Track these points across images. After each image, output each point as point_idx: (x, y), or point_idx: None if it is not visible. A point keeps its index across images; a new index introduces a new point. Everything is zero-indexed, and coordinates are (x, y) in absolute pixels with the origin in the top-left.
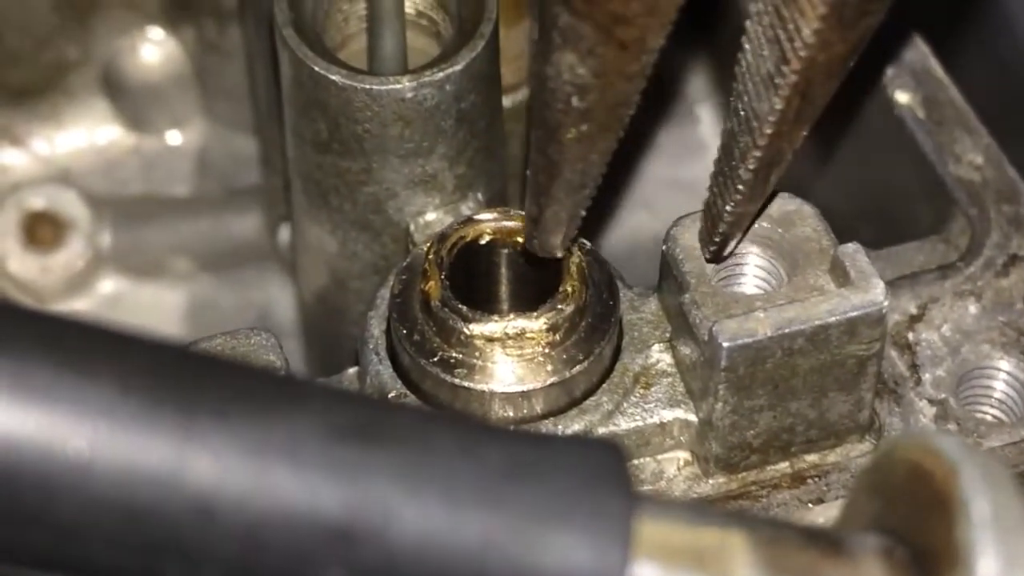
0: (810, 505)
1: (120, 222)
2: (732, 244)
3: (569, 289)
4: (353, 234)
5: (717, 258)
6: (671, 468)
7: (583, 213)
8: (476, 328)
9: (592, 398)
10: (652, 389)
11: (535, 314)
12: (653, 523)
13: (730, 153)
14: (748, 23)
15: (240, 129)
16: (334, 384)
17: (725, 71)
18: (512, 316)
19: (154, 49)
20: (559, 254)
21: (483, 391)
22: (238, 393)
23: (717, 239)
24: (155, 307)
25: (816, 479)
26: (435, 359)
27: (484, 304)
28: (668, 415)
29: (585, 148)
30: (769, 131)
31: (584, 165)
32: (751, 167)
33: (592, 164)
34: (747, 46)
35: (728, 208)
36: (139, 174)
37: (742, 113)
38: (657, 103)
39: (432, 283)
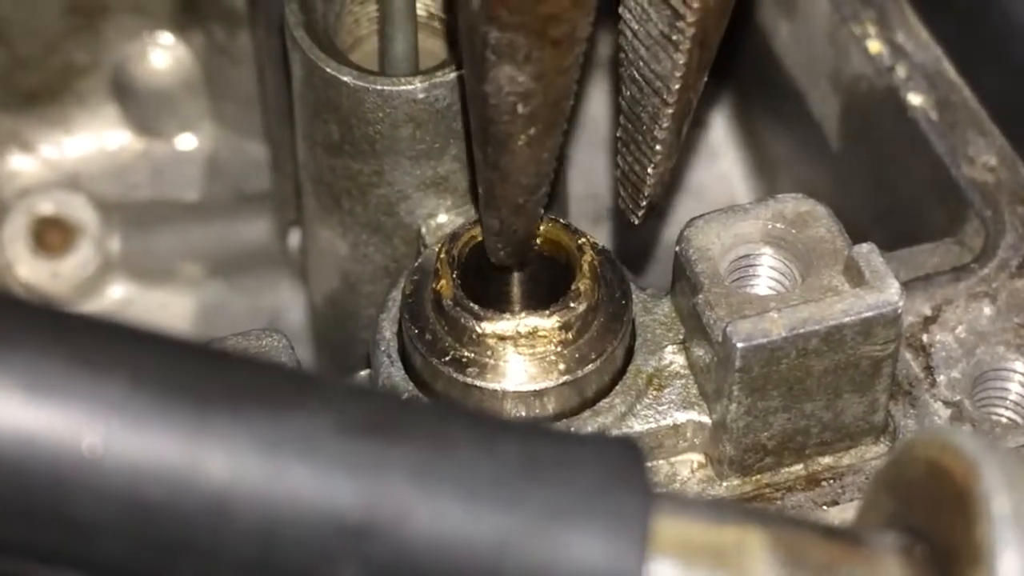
0: (825, 507)
1: (129, 227)
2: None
3: (581, 287)
4: (364, 237)
5: (645, 219)
6: (685, 470)
7: (542, 212)
8: (488, 326)
9: (605, 400)
10: (665, 391)
11: (547, 312)
12: (671, 521)
13: (637, 119)
14: None
15: (250, 134)
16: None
17: (736, 76)
18: (524, 314)
19: (163, 54)
20: (525, 258)
21: (495, 390)
22: (252, 388)
23: (644, 203)
24: (165, 312)
25: (831, 481)
26: (447, 358)
27: (496, 304)
28: (682, 417)
29: (536, 150)
30: (677, 87)
31: (537, 166)
32: (665, 126)
33: (544, 162)
34: (628, 15)
35: (650, 170)
36: (148, 179)
37: (640, 79)
38: None
39: (444, 282)
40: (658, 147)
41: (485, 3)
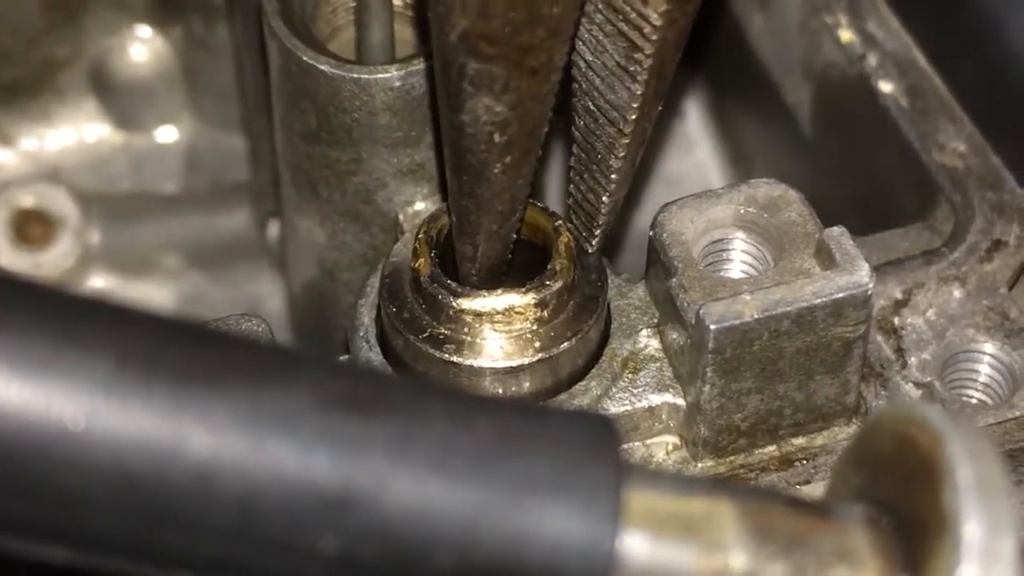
0: (798, 487)
1: (109, 219)
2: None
3: (558, 267)
4: (342, 225)
5: (600, 248)
6: (660, 452)
7: (514, 237)
8: (465, 303)
9: (581, 383)
10: (640, 374)
11: (524, 290)
12: (642, 493)
13: (592, 149)
14: None
15: (228, 126)
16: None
17: (711, 66)
18: (500, 291)
19: (142, 47)
20: (497, 280)
21: (471, 366)
22: (233, 364)
23: (598, 231)
24: (145, 304)
25: (803, 462)
26: (424, 335)
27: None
28: (657, 399)
29: (511, 177)
30: (634, 117)
31: (511, 193)
32: (621, 155)
33: (519, 189)
34: (581, 47)
35: (604, 199)
36: (128, 171)
37: (595, 109)
38: None
39: (422, 260)
40: (613, 176)
41: (464, 35)
